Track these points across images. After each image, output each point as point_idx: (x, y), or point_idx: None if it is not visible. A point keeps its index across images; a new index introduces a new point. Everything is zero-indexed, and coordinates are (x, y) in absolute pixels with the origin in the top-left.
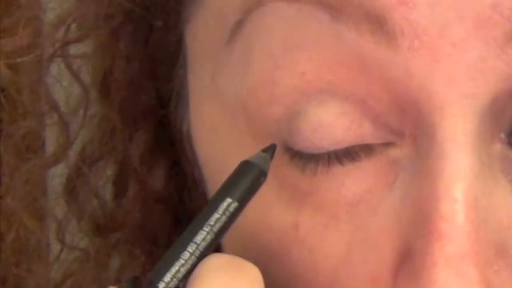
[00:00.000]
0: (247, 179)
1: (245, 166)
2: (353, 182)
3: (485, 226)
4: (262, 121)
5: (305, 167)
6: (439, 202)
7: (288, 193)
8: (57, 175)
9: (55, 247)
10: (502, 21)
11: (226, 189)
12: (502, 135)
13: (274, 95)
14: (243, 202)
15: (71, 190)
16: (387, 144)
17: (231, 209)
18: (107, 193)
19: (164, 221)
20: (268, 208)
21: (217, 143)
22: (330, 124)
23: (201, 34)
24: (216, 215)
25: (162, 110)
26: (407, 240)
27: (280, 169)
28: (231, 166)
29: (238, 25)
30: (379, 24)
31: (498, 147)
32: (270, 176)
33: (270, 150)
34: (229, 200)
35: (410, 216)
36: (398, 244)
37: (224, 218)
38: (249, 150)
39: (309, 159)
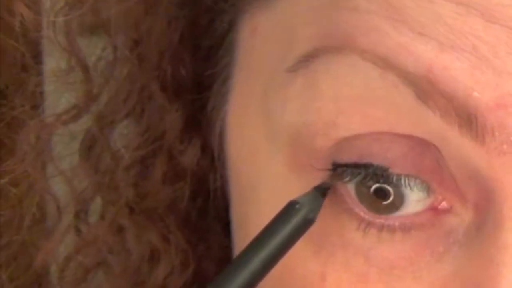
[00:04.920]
0: (290, 224)
1: (290, 208)
2: (385, 248)
3: None
4: (310, 154)
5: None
6: None
7: (317, 240)
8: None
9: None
10: None
11: (265, 236)
12: None
13: (333, 135)
14: (281, 251)
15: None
16: (445, 212)
17: (268, 259)
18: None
19: (194, 200)
20: (293, 253)
21: (252, 165)
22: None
23: (262, 38)
24: (251, 266)
25: (200, 93)
26: None
27: None
28: (262, 194)
29: (307, 58)
30: (469, 121)
31: None
32: None
33: (323, 189)
34: (266, 250)
35: None
36: None
37: (259, 268)
38: (286, 182)
39: (350, 216)
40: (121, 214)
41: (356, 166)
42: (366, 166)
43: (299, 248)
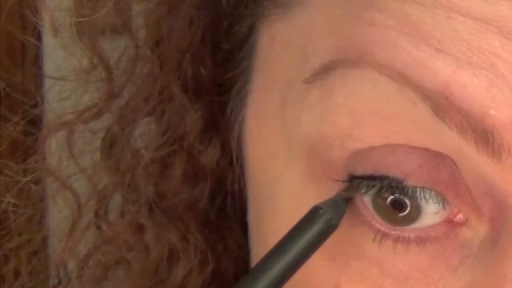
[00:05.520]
0: (314, 229)
1: (314, 213)
2: (400, 260)
3: None
4: (325, 165)
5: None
6: None
7: (332, 250)
8: None
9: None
10: None
11: (289, 239)
12: None
13: (349, 147)
14: (304, 256)
15: (109, 154)
16: (460, 225)
17: (291, 263)
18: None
19: (213, 200)
20: (309, 262)
21: (270, 172)
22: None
23: (280, 46)
24: (275, 270)
25: (219, 95)
26: None
27: None
28: (280, 200)
29: (324, 71)
30: (485, 139)
31: None
32: None
33: (346, 196)
34: (290, 254)
35: None
36: None
37: (282, 272)
38: (303, 190)
39: (366, 227)
40: (141, 212)
41: (371, 178)
42: (381, 178)
43: (315, 257)
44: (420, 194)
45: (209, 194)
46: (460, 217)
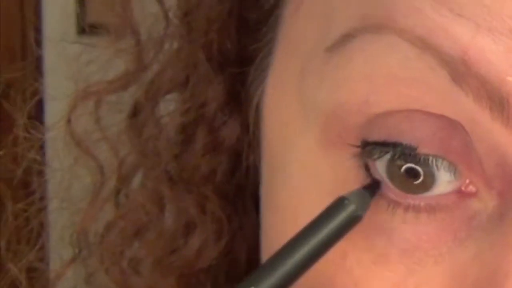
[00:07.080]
0: (338, 219)
1: (339, 204)
2: (409, 229)
3: None
4: (340, 131)
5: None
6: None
7: None
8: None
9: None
10: None
11: (313, 228)
12: None
13: (366, 112)
14: (326, 245)
15: (134, 123)
16: (470, 196)
17: (313, 252)
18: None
19: (232, 175)
20: None
21: (285, 140)
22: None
23: (304, 16)
24: (297, 257)
25: (242, 67)
26: None
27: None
28: (292, 168)
29: (345, 38)
30: (500, 106)
31: None
32: (328, 191)
33: (372, 188)
34: (312, 242)
35: (478, 278)
36: None
37: (303, 260)
38: (314, 159)
39: (378, 197)
40: (161, 182)
41: (384, 144)
42: (394, 144)
43: None
44: (432, 162)
45: (227, 169)
46: (470, 188)
